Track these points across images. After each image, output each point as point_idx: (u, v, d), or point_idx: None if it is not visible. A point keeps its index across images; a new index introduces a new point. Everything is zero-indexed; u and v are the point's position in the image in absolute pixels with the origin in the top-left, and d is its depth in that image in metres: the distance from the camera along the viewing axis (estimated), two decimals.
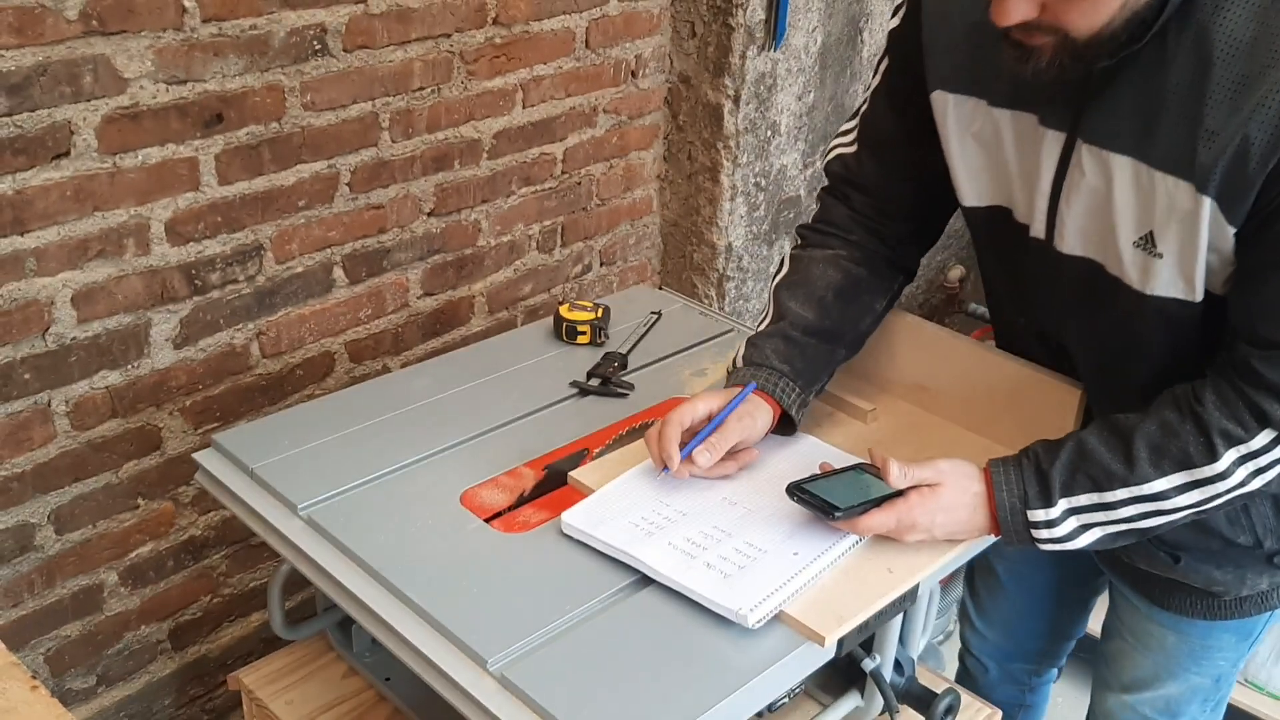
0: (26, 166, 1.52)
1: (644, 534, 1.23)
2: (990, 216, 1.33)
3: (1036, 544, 1.23)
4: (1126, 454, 1.20)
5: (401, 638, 1.15)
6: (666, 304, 1.81)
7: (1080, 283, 1.26)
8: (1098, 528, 1.22)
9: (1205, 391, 1.19)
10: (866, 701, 1.38)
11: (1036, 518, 1.22)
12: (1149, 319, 1.22)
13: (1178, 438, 1.19)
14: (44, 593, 1.74)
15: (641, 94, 2.38)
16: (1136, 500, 1.20)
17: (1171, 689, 1.56)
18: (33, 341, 1.60)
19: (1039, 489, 1.22)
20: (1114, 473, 1.20)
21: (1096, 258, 1.23)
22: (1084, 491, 1.21)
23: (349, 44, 1.81)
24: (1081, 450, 1.22)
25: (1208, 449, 1.18)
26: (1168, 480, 1.19)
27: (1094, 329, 1.30)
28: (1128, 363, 1.29)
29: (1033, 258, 1.30)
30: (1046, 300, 1.34)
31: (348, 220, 1.93)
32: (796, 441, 1.41)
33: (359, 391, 1.55)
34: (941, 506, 1.22)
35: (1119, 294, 1.22)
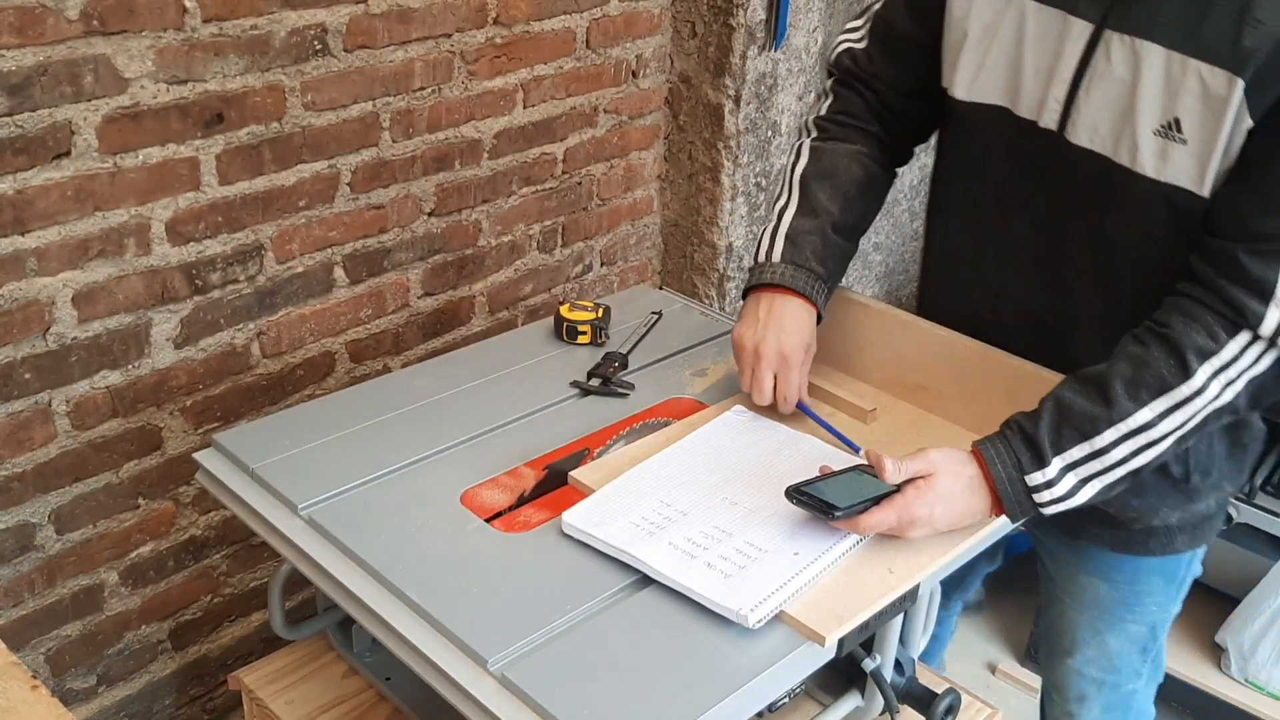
0: (27, 166, 1.52)
1: (645, 534, 1.23)
2: (988, 114, 1.35)
3: (1040, 510, 1.23)
4: (1104, 396, 1.21)
5: (402, 638, 1.15)
6: (667, 304, 1.81)
7: (1086, 176, 1.28)
8: (1095, 480, 1.22)
9: (1168, 315, 1.21)
10: (867, 702, 1.38)
11: (1035, 481, 1.22)
12: (1153, 211, 1.24)
13: (1149, 366, 1.20)
14: (44, 592, 1.74)
15: (642, 94, 2.38)
16: (1125, 438, 1.20)
17: (1111, 642, 1.60)
18: (33, 341, 1.60)
19: (1031, 453, 1.22)
20: (1097, 416, 1.20)
21: (1105, 151, 1.25)
22: (1073, 444, 1.21)
23: (349, 44, 1.81)
24: (1060, 406, 1.22)
25: (1181, 368, 1.18)
26: (1149, 409, 1.19)
27: (1091, 226, 1.31)
28: (1121, 267, 1.30)
29: (1036, 151, 1.31)
30: (1043, 198, 1.35)
31: (348, 220, 1.93)
32: (797, 442, 1.41)
33: (359, 391, 1.55)
34: (939, 496, 1.21)
35: (1127, 186, 1.24)
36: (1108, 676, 1.65)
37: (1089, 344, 1.31)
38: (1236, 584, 2.45)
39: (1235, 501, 2.28)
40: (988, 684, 2.52)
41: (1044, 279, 1.39)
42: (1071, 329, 1.39)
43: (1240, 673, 2.33)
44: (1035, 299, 1.41)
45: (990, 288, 1.46)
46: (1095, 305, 1.36)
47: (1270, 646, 2.29)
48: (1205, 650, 2.42)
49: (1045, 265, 1.38)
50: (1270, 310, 1.17)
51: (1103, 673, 1.65)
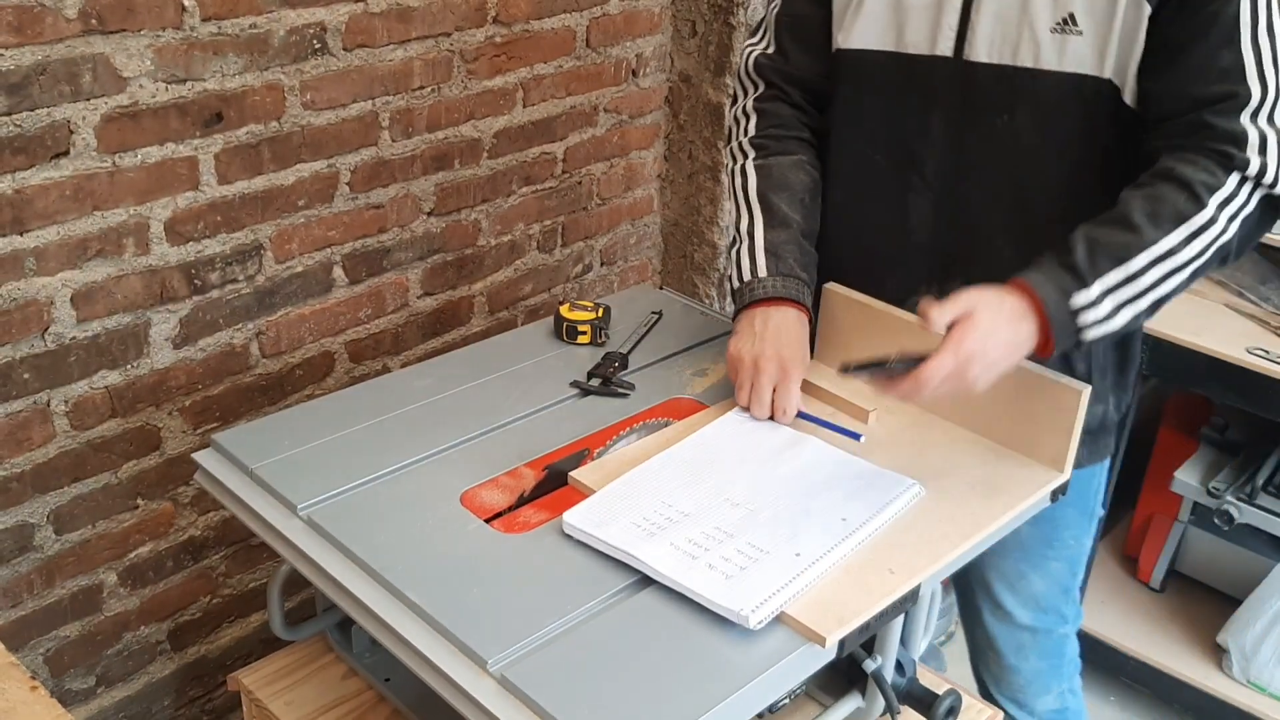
0: (26, 166, 1.52)
1: (645, 534, 1.23)
2: (875, 59, 1.45)
3: (1082, 333, 1.30)
4: (1129, 226, 1.29)
5: (401, 638, 1.14)
6: (667, 304, 1.80)
7: (988, 89, 1.38)
8: (1129, 305, 1.30)
9: (1168, 162, 1.31)
10: (868, 703, 1.37)
11: (1079, 303, 1.28)
12: (1060, 103, 1.35)
13: (1164, 200, 1.29)
14: (43, 593, 1.74)
15: (642, 93, 2.37)
16: (1155, 262, 1.29)
17: (1037, 583, 1.69)
18: (32, 341, 1.60)
19: (1073, 278, 1.29)
20: (1129, 243, 1.29)
21: (1005, 60, 1.37)
22: (1109, 269, 1.29)
23: (349, 43, 1.81)
24: (1089, 239, 1.30)
25: (1194, 200, 1.28)
26: (1173, 236, 1.29)
27: (995, 137, 1.39)
28: (1026, 180, 1.40)
29: (931, 81, 1.41)
30: (941, 123, 1.43)
31: (348, 220, 1.93)
32: (798, 442, 1.41)
33: (359, 391, 1.55)
34: (985, 331, 1.25)
35: (1031, 86, 1.36)
36: (1039, 622, 1.72)
37: (991, 273, 1.35)
38: (1238, 585, 2.45)
39: (1236, 501, 2.28)
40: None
41: (946, 207, 1.46)
42: (972, 258, 1.45)
43: (1242, 674, 2.33)
44: (939, 231, 1.47)
45: (890, 226, 1.51)
46: (998, 229, 1.43)
47: (1272, 647, 2.29)
48: (1207, 651, 2.41)
49: (948, 193, 1.45)
50: (1250, 154, 1.28)
51: (1034, 618, 1.71)
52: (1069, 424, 1.37)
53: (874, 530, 1.26)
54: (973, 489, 1.35)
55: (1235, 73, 1.29)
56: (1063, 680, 1.79)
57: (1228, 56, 1.29)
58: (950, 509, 1.31)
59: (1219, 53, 1.29)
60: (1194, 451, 2.44)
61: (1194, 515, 2.47)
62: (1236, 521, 2.28)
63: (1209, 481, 2.34)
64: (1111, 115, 1.37)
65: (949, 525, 1.28)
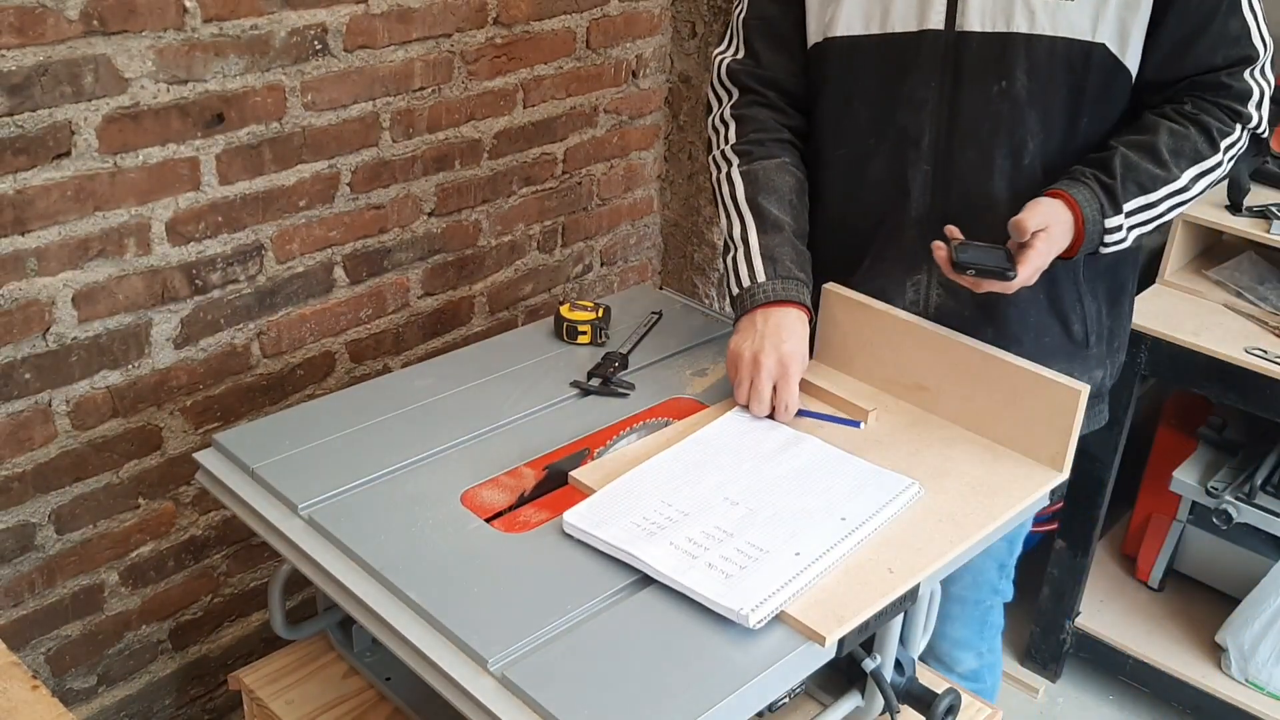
0: (27, 166, 1.52)
1: (646, 534, 1.24)
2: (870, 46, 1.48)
3: (1104, 248, 1.44)
4: (1157, 160, 1.43)
5: (402, 638, 1.15)
6: (667, 304, 1.81)
7: (982, 55, 1.44)
8: (1140, 226, 1.45)
9: (1189, 107, 1.45)
10: (867, 702, 1.38)
11: (1110, 224, 1.42)
12: (1054, 68, 1.42)
13: (1188, 139, 1.44)
14: (45, 592, 1.74)
15: (642, 94, 2.38)
16: (1170, 195, 1.45)
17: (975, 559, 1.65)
18: (33, 341, 1.60)
19: (1109, 200, 1.42)
20: (1156, 175, 1.43)
21: (999, 28, 1.42)
22: (1135, 197, 1.43)
23: (350, 44, 1.81)
24: (1127, 163, 1.43)
25: (1210, 143, 1.45)
26: (1188, 174, 1.45)
27: (995, 108, 1.45)
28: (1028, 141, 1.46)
29: (922, 56, 1.45)
30: (935, 95, 1.46)
31: (348, 220, 1.93)
32: (798, 442, 1.41)
33: (359, 391, 1.55)
34: (1055, 242, 1.39)
35: (1025, 51, 1.42)
36: (970, 594, 1.76)
37: (989, 236, 1.43)
38: (1236, 584, 2.45)
39: (1234, 501, 2.28)
40: None
41: (943, 176, 1.50)
42: (970, 222, 1.47)
43: (1241, 673, 2.33)
44: (936, 200, 1.51)
45: (890, 203, 1.53)
46: (994, 193, 1.48)
47: (1271, 646, 2.29)
48: (1205, 650, 2.42)
49: (944, 162, 1.49)
50: (1252, 109, 1.47)
51: (966, 590, 1.76)
52: (1068, 423, 1.37)
53: (873, 529, 1.26)
54: (972, 488, 1.35)
55: (1244, 38, 1.44)
56: (983, 643, 1.85)
57: (1235, 24, 1.43)
58: (949, 508, 1.31)
59: (1229, 21, 1.43)
60: (1192, 451, 2.44)
61: (1192, 514, 2.47)
62: (1235, 521, 2.28)
63: (1207, 481, 2.34)
64: (1105, 77, 1.45)
65: (948, 524, 1.29)
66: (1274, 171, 2.34)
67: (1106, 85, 1.45)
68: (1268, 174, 2.34)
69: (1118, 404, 2.23)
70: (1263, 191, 2.31)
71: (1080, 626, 2.46)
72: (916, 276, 1.55)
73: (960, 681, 1.81)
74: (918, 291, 1.55)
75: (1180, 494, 2.41)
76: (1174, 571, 2.59)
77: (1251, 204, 2.24)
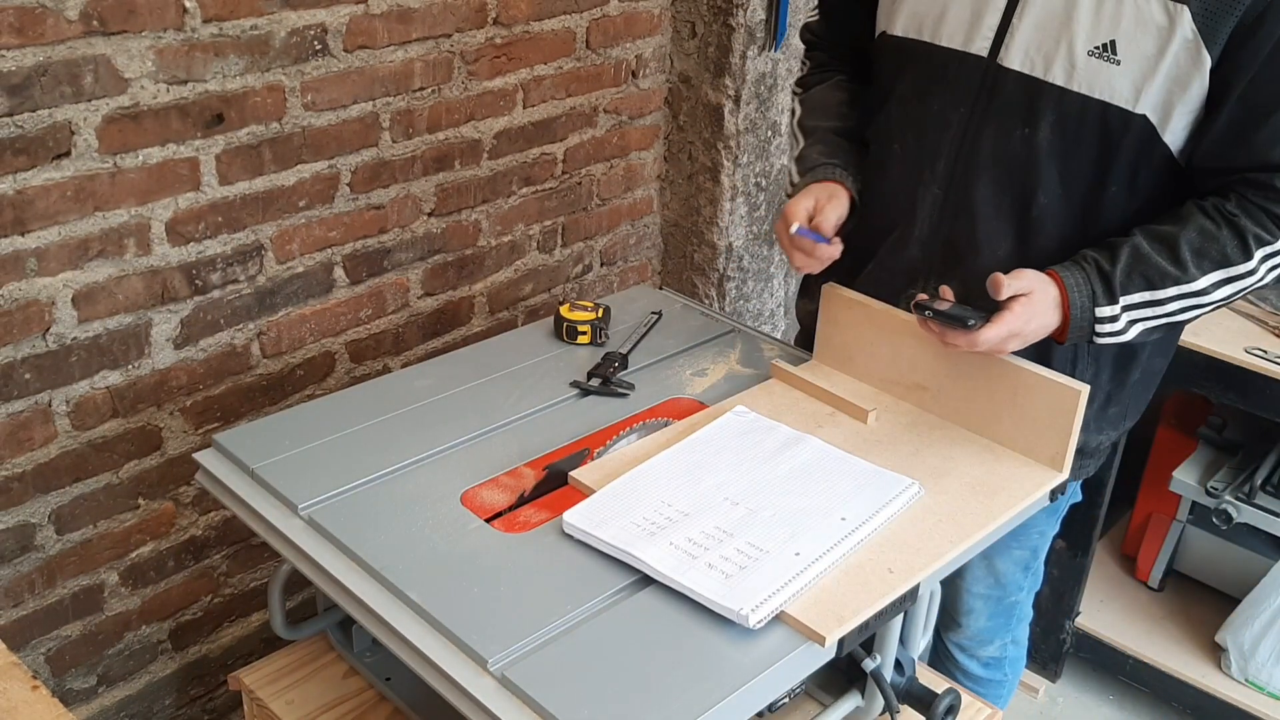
0: (27, 166, 1.52)
1: (645, 534, 1.24)
2: (912, 48, 1.48)
3: (1096, 338, 1.39)
4: (1174, 257, 1.36)
5: (402, 638, 1.15)
6: (667, 304, 1.81)
7: (1015, 95, 1.40)
8: (1143, 322, 1.39)
9: (1231, 205, 1.37)
10: (867, 702, 1.38)
11: (1103, 314, 1.37)
12: (1084, 129, 1.37)
13: (1217, 241, 1.36)
14: (45, 593, 1.74)
15: (642, 94, 2.38)
16: (1182, 297, 1.38)
17: (999, 565, 1.75)
18: (33, 341, 1.60)
19: (1104, 288, 1.37)
20: (1167, 273, 1.36)
21: (1037, 73, 1.38)
22: (1138, 291, 1.37)
23: (350, 44, 1.81)
24: (1136, 254, 1.37)
25: (1243, 249, 1.36)
26: (1209, 278, 1.37)
27: (1015, 152, 1.41)
28: (1041, 194, 1.42)
29: (961, 78, 1.43)
30: (963, 121, 1.44)
31: (348, 220, 1.93)
32: (798, 443, 1.41)
33: (359, 391, 1.55)
34: (1035, 312, 1.34)
35: (1059, 103, 1.37)
36: (994, 592, 1.79)
37: (989, 265, 1.41)
38: (1236, 584, 2.45)
39: (1234, 501, 2.28)
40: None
41: (952, 203, 1.48)
42: (972, 252, 1.48)
43: (1240, 673, 2.33)
44: (942, 224, 1.50)
45: (898, 214, 1.54)
46: (999, 231, 1.46)
47: (1270, 646, 2.29)
48: (1205, 650, 2.42)
49: (954, 190, 1.48)
50: None
51: (989, 590, 1.79)
52: (1068, 424, 1.37)
53: (873, 530, 1.26)
54: (972, 488, 1.35)
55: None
56: (1008, 634, 1.86)
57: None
58: (949, 508, 1.31)
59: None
60: (1192, 451, 2.44)
61: (1192, 514, 2.47)
62: (1235, 521, 2.28)
63: (1207, 481, 2.34)
64: (1141, 150, 1.38)
65: (948, 524, 1.29)
66: None
67: (1142, 159, 1.38)
68: None
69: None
70: None
71: (1080, 626, 2.46)
72: (910, 291, 1.53)
73: (980, 669, 1.87)
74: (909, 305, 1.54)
75: (1180, 494, 2.41)
76: (1174, 571, 2.59)
77: None
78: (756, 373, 1.61)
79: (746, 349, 1.68)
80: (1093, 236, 1.42)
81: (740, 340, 1.71)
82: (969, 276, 1.45)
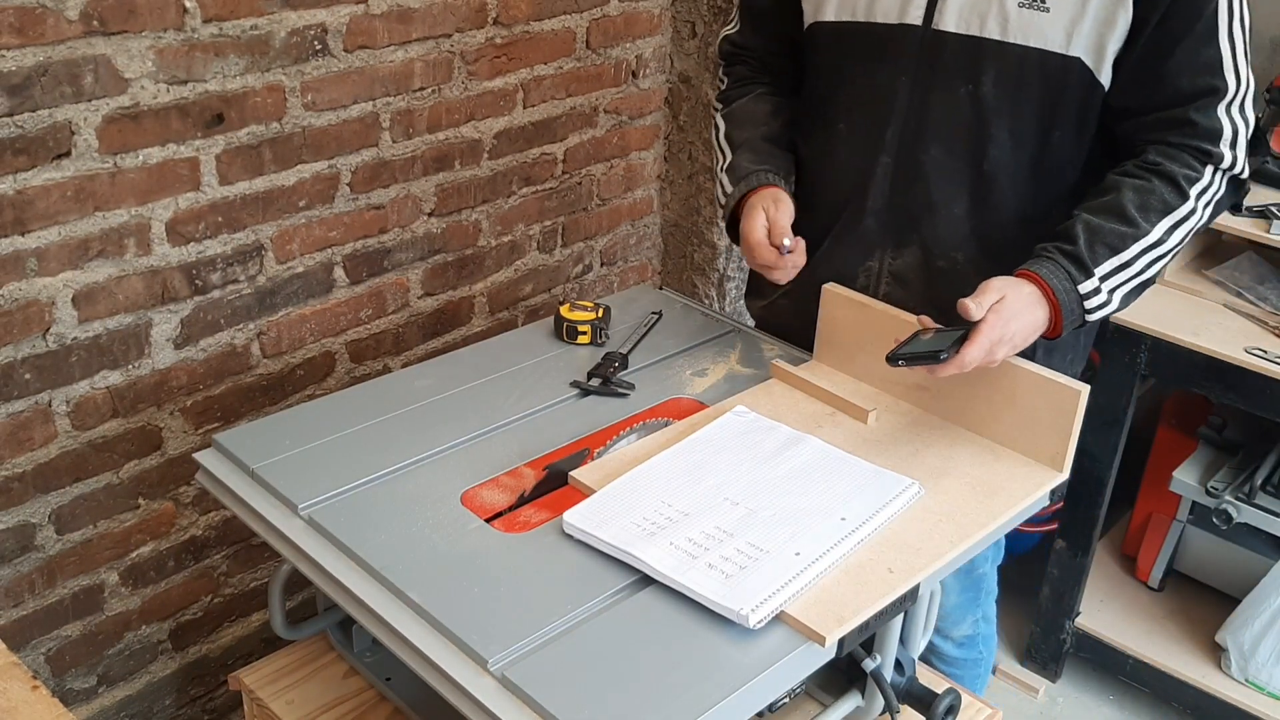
0: (27, 166, 1.52)
1: (646, 534, 1.24)
2: (847, 30, 1.52)
3: (1087, 316, 1.42)
4: (1123, 218, 1.41)
5: (402, 638, 1.15)
6: (667, 304, 1.81)
7: (954, 57, 1.45)
8: (1121, 287, 1.43)
9: (1154, 156, 1.42)
10: (867, 702, 1.38)
11: (1086, 289, 1.40)
12: (1024, 78, 1.42)
13: (1153, 192, 1.41)
14: (45, 593, 1.74)
15: (642, 94, 2.38)
16: (1146, 251, 1.42)
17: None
18: (33, 341, 1.61)
19: (1077, 266, 1.40)
20: (1125, 234, 1.41)
21: (973, 31, 1.43)
22: (1106, 259, 1.41)
23: (350, 44, 1.81)
24: (1090, 228, 1.41)
25: (1178, 192, 1.41)
26: (1160, 227, 1.41)
27: (961, 110, 1.46)
28: (989, 147, 1.47)
29: (899, 48, 1.47)
30: (907, 88, 1.49)
31: (348, 220, 1.93)
32: (798, 443, 1.41)
33: (359, 391, 1.55)
34: (1013, 314, 1.35)
35: (997, 57, 1.42)
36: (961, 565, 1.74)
37: (944, 230, 1.52)
38: (1236, 584, 2.45)
39: (1234, 501, 2.28)
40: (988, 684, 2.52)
41: (904, 169, 1.53)
42: (926, 217, 1.53)
43: (1240, 673, 2.33)
44: (895, 193, 1.54)
45: (852, 191, 1.57)
46: (951, 192, 1.51)
47: (1270, 646, 2.29)
48: (1205, 650, 2.42)
49: (905, 156, 1.52)
50: (1224, 149, 1.42)
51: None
52: (1068, 424, 1.37)
53: (873, 530, 1.26)
54: (972, 488, 1.35)
55: (1216, 68, 1.39)
56: (978, 610, 1.87)
57: (1208, 51, 1.39)
58: (949, 508, 1.32)
59: (1201, 48, 1.38)
60: (1192, 451, 2.44)
61: (1192, 514, 2.47)
62: (1235, 521, 2.28)
63: (1207, 481, 2.34)
64: (1081, 94, 1.44)
65: (948, 524, 1.29)
66: (1274, 171, 2.34)
67: (1082, 102, 1.44)
68: (1268, 174, 2.34)
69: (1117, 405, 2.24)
70: (1263, 191, 2.31)
71: (1080, 626, 2.46)
72: (869, 264, 1.60)
73: (955, 650, 1.88)
74: (868, 278, 1.61)
75: (1180, 494, 2.41)
76: (1174, 571, 2.59)
77: (1251, 204, 2.24)
78: (756, 373, 1.61)
79: (746, 349, 1.69)
80: (1044, 185, 1.49)
81: (740, 340, 1.71)
82: (928, 240, 1.54)
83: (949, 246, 1.53)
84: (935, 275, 1.55)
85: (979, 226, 1.52)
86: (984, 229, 1.52)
